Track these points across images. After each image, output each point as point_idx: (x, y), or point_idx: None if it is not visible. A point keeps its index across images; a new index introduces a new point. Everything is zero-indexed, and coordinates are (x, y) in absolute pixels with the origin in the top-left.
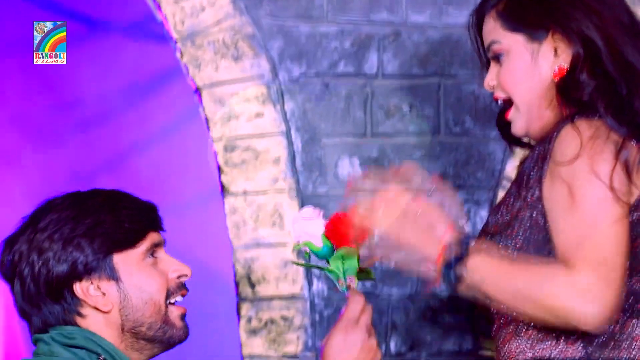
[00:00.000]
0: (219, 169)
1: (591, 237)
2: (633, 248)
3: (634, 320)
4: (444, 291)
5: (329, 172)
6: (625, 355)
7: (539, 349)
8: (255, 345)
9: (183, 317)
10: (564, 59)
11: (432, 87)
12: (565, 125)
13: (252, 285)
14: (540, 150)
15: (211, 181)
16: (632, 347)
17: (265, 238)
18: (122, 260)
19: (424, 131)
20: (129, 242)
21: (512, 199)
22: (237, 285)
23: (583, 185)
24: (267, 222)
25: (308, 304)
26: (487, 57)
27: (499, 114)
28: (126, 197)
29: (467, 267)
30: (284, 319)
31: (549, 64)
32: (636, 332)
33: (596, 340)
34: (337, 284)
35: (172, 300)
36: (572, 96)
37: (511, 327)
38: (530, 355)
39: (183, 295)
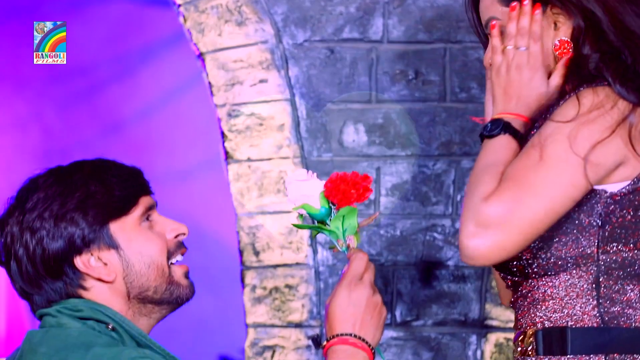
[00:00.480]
0: (223, 135)
1: (531, 185)
2: (637, 218)
3: None
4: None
5: (333, 139)
6: (639, 323)
7: (556, 319)
8: (259, 313)
9: (187, 274)
10: (565, 32)
11: (438, 53)
12: (571, 95)
13: (257, 253)
14: (547, 114)
15: (215, 148)
16: None
17: (269, 205)
18: (118, 228)
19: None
20: (122, 209)
21: None
22: (241, 253)
23: (554, 143)
24: (271, 190)
25: (313, 272)
26: (485, 35)
27: None
28: (111, 165)
29: None
30: (289, 287)
31: (549, 38)
32: None
33: (613, 309)
34: (336, 245)
35: (173, 261)
36: (581, 72)
37: (529, 298)
38: (547, 325)
39: (183, 254)
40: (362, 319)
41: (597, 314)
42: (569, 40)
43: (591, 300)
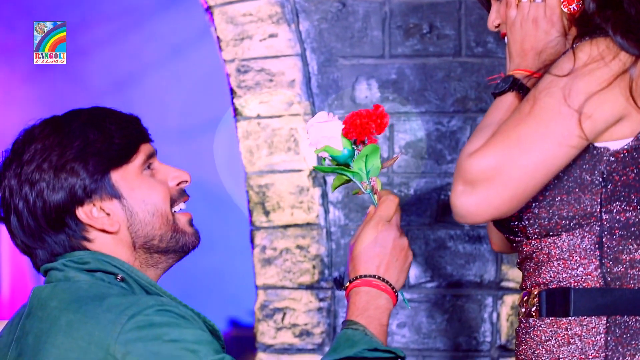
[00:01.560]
0: (232, 91)
1: (519, 137)
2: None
3: None
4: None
5: (345, 95)
6: None
7: (560, 280)
8: (269, 275)
9: (191, 222)
10: None
11: (453, 6)
12: (570, 48)
13: (266, 213)
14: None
15: (223, 105)
16: None
17: (279, 164)
18: (120, 176)
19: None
20: (123, 157)
21: None
22: (250, 213)
23: (549, 96)
24: (281, 147)
25: (324, 232)
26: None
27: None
28: (109, 112)
29: None
30: (300, 247)
31: None
32: None
33: (616, 270)
34: (360, 187)
35: (177, 209)
36: (588, 27)
37: (534, 258)
38: (552, 286)
39: (185, 202)
40: (388, 261)
41: (600, 275)
42: None
43: (594, 260)
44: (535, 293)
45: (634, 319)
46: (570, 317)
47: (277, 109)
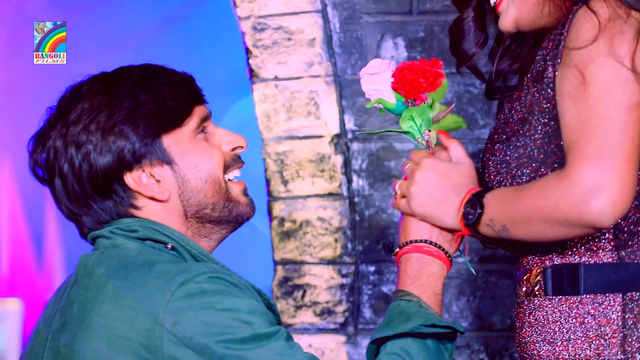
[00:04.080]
0: (247, 51)
1: (598, 126)
2: None
3: None
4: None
5: (370, 55)
6: None
7: (567, 255)
8: (288, 249)
9: (245, 191)
10: None
11: None
12: (580, 8)
13: (285, 183)
14: (552, 38)
15: (238, 65)
16: None
17: (299, 129)
18: (172, 141)
19: None
20: (176, 120)
21: (525, 93)
22: (267, 182)
23: (598, 67)
24: (301, 112)
25: (347, 203)
26: None
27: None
28: (162, 70)
29: (484, 203)
30: (321, 219)
31: None
32: None
33: (630, 243)
34: (417, 144)
35: (231, 176)
36: None
37: None
38: (558, 261)
39: (240, 168)
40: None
41: (613, 249)
42: None
43: (606, 233)
44: (539, 270)
45: None
46: (581, 295)
47: (296, 70)
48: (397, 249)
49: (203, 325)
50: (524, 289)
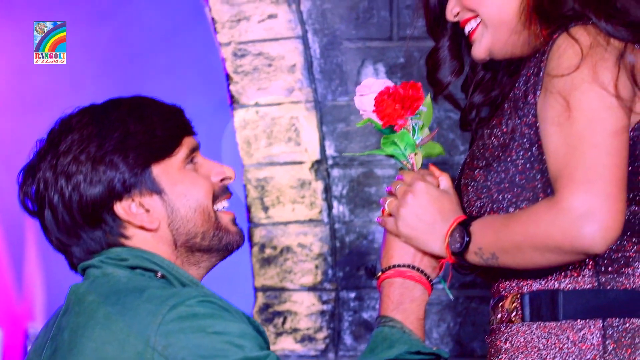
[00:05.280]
0: (228, 77)
1: (585, 152)
2: (636, 170)
3: None
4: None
5: (350, 81)
6: (638, 283)
7: (545, 281)
8: (269, 275)
9: (234, 221)
10: None
11: None
12: (560, 35)
13: (265, 209)
14: (532, 65)
15: (219, 91)
16: None
17: (279, 155)
18: (162, 171)
19: None
20: (166, 150)
21: (506, 119)
22: (248, 208)
23: (583, 94)
24: (281, 138)
25: (328, 229)
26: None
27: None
28: (151, 102)
29: (471, 231)
30: (301, 246)
31: None
32: None
33: (610, 269)
34: (402, 165)
35: (219, 207)
36: (551, 15)
37: None
38: (536, 287)
39: (228, 199)
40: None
41: (593, 275)
42: None
43: (587, 259)
44: (515, 296)
45: (629, 322)
46: (560, 321)
47: (277, 96)
48: (380, 273)
49: (194, 348)
50: (499, 315)
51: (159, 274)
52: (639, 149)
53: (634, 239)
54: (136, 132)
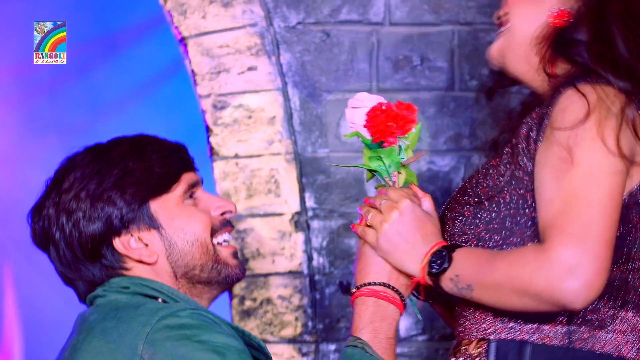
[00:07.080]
0: (208, 129)
1: (581, 209)
2: (627, 234)
3: (622, 311)
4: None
5: (330, 133)
6: (608, 348)
7: (515, 330)
8: (249, 327)
9: (235, 254)
10: (566, 2)
11: (446, 36)
12: (567, 88)
13: (246, 260)
14: (538, 113)
15: (198, 143)
16: (615, 338)
17: (259, 207)
18: (159, 206)
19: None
20: (163, 187)
21: (504, 162)
22: None
23: (585, 151)
24: (261, 189)
25: (307, 281)
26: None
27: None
28: (153, 140)
29: (453, 257)
30: (281, 298)
31: (552, 2)
32: (623, 325)
33: (583, 328)
34: (384, 182)
35: (220, 240)
36: (566, 51)
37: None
38: (505, 336)
39: (229, 232)
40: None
41: (565, 332)
42: (568, 11)
43: (560, 316)
44: (481, 341)
45: None
46: None
47: (257, 148)
48: (354, 290)
49: (178, 357)
50: (461, 359)
51: (160, 300)
52: (629, 216)
53: (610, 303)
54: (134, 169)
